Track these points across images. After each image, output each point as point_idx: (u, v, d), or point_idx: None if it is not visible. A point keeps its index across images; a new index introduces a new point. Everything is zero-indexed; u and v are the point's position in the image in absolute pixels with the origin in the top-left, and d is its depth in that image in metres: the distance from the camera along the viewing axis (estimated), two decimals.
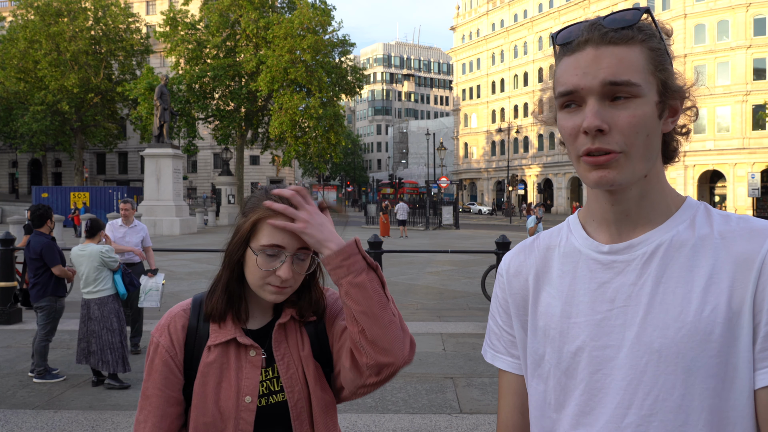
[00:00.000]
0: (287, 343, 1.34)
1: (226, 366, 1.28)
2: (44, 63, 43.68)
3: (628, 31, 0.90)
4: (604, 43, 0.89)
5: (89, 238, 5.87)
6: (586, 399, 0.94)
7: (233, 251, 1.29)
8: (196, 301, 1.37)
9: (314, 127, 36.11)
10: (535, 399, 1.05)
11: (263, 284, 1.26)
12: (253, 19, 36.90)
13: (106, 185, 52.77)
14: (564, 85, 0.91)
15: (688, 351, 0.86)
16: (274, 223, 1.24)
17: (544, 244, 1.08)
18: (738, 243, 0.89)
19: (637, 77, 0.88)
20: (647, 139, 0.90)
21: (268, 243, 1.24)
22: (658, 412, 0.88)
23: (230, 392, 1.27)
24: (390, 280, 12.22)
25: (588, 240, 1.00)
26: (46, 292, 5.91)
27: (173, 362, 1.30)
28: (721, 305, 0.86)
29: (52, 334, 5.94)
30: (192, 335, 1.32)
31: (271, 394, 1.30)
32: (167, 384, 1.29)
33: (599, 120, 0.87)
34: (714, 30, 45.88)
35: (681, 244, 0.92)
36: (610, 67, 0.88)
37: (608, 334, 0.93)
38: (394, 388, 5.45)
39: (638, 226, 0.95)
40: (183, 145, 37.84)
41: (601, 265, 0.96)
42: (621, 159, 0.89)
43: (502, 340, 1.12)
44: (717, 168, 46.52)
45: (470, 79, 73.25)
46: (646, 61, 0.90)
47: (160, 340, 1.31)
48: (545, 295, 1.03)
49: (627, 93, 0.88)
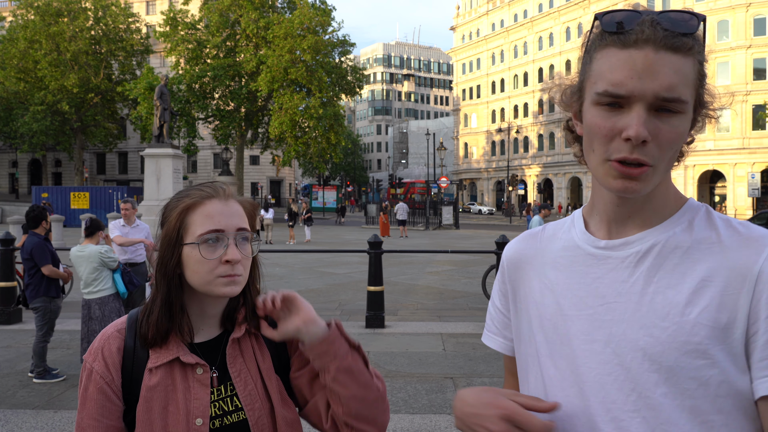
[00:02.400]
0: (243, 357, 1.25)
1: (171, 388, 1.18)
2: (44, 63, 43.66)
3: (688, 40, 0.86)
4: (664, 47, 0.84)
5: (88, 238, 5.85)
6: (575, 392, 0.94)
7: (166, 258, 1.19)
8: (131, 318, 1.25)
9: (314, 127, 36.13)
10: (526, 387, 1.06)
11: (212, 278, 1.16)
12: (253, 19, 36.91)
13: (106, 185, 52.74)
14: (612, 83, 0.86)
15: (672, 351, 0.86)
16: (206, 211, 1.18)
17: (548, 235, 1.09)
18: (735, 250, 0.88)
19: (687, 94, 0.86)
20: (675, 153, 0.90)
21: (205, 230, 1.16)
22: (640, 409, 0.88)
23: (178, 416, 1.16)
24: (390, 280, 12.23)
25: (586, 235, 1.00)
26: (39, 292, 5.89)
27: (109, 389, 1.18)
28: (710, 309, 0.86)
29: (49, 334, 5.93)
30: (129, 357, 1.20)
31: (226, 415, 1.20)
32: (104, 413, 1.17)
33: (647, 131, 0.84)
34: (714, 30, 45.87)
35: (676, 245, 0.92)
36: (666, 79, 0.84)
37: (597, 329, 0.93)
38: (394, 388, 5.45)
39: (637, 225, 0.95)
40: (183, 145, 37.84)
41: (596, 260, 0.97)
42: (651, 171, 0.87)
43: (496, 322, 1.16)
44: (717, 168, 46.52)
45: (470, 79, 73.25)
46: (695, 76, 0.87)
47: (93, 366, 1.19)
48: (540, 286, 1.04)
49: (674, 108, 0.86)
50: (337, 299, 10.52)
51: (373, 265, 8.09)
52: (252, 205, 1.28)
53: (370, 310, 8.06)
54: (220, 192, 1.22)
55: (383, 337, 7.48)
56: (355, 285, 12.00)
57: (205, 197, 1.20)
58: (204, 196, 1.21)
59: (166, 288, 1.20)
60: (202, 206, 1.19)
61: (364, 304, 8.35)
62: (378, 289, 8.05)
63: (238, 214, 1.22)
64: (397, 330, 7.84)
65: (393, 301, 9.89)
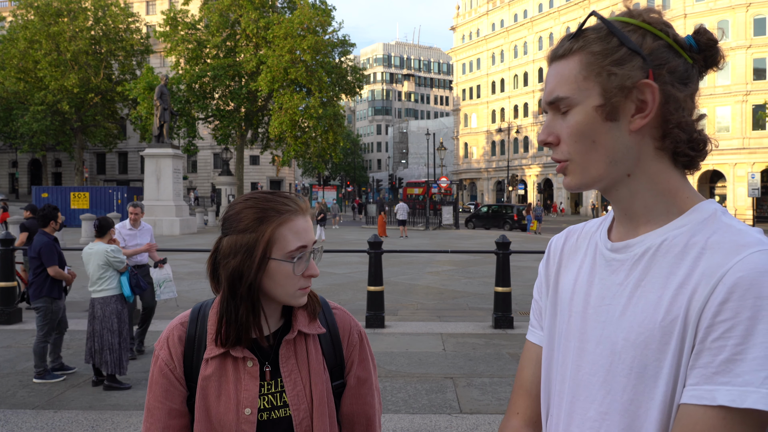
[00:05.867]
0: (296, 358, 1.30)
1: (224, 378, 1.26)
2: (44, 63, 43.66)
3: (568, 44, 0.94)
4: (553, 59, 0.97)
5: (98, 237, 5.86)
6: (573, 388, 0.97)
7: (248, 269, 1.22)
8: (194, 311, 1.34)
9: (314, 127, 36.13)
10: (544, 377, 1.08)
11: (294, 291, 1.24)
12: (253, 19, 36.90)
13: (106, 185, 52.71)
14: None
15: (642, 357, 0.86)
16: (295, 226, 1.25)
17: (586, 231, 1.10)
18: (716, 255, 0.84)
19: (565, 90, 0.93)
20: (593, 144, 0.92)
21: (296, 247, 1.23)
22: (611, 412, 0.90)
23: (229, 405, 1.24)
24: (390, 280, 12.24)
25: (604, 236, 1.02)
26: (42, 292, 5.88)
27: (172, 375, 1.28)
28: (680, 316, 0.83)
29: (50, 335, 5.93)
30: (190, 347, 1.30)
31: (274, 409, 1.27)
32: (168, 396, 1.28)
33: (545, 134, 0.97)
34: (714, 30, 45.79)
35: (668, 249, 0.89)
36: (548, 87, 0.96)
37: (592, 329, 0.95)
38: (394, 388, 5.45)
39: (639, 226, 0.95)
40: (183, 145, 37.83)
41: (606, 261, 0.98)
42: (570, 166, 0.95)
43: (535, 314, 1.17)
44: (717, 168, 46.50)
45: (470, 79, 73.24)
46: (581, 68, 0.92)
47: (159, 353, 1.30)
48: (566, 280, 1.06)
49: (564, 106, 0.93)
50: (337, 299, 10.52)
51: (373, 265, 8.09)
52: (313, 215, 1.35)
53: (370, 310, 8.06)
54: (303, 208, 1.28)
55: (383, 337, 7.48)
56: (355, 285, 12.01)
57: (293, 213, 1.25)
58: (293, 212, 1.25)
59: (250, 297, 1.23)
60: (292, 222, 1.24)
61: (364, 304, 8.35)
62: (378, 289, 8.05)
63: (312, 227, 1.30)
64: (397, 330, 7.84)
65: (393, 301, 9.89)
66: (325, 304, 1.41)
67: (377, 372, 1.43)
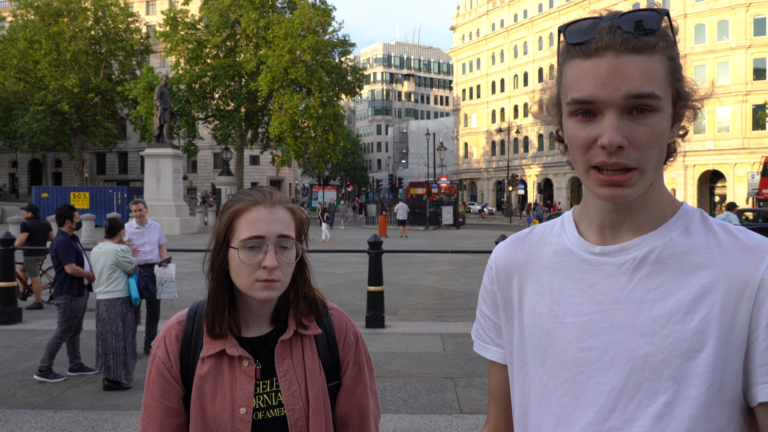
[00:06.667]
0: (291, 358, 1.31)
1: (220, 377, 1.27)
2: (44, 63, 43.65)
3: (650, 38, 0.84)
4: (626, 51, 0.83)
5: (108, 237, 5.85)
6: (568, 400, 0.94)
7: (214, 257, 1.28)
8: (191, 310, 1.36)
9: (314, 127, 36.14)
10: (518, 396, 1.04)
11: (251, 282, 1.23)
12: (253, 19, 36.92)
13: (106, 185, 52.70)
14: (580, 92, 0.86)
15: (674, 359, 0.85)
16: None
17: (536, 239, 1.06)
18: (736, 257, 0.88)
19: (660, 89, 0.84)
20: (660, 151, 0.88)
21: (247, 236, 1.23)
22: (639, 419, 0.87)
23: (225, 403, 1.25)
24: (390, 280, 12.23)
25: (579, 240, 0.98)
26: (63, 290, 5.92)
27: (169, 373, 1.29)
28: (712, 317, 0.85)
29: (68, 332, 5.91)
30: (187, 346, 1.31)
31: (269, 409, 1.28)
32: (164, 395, 1.29)
33: (621, 136, 0.84)
34: (714, 30, 45.85)
35: (674, 251, 0.90)
36: (633, 80, 0.83)
37: (593, 337, 0.92)
38: (394, 388, 5.45)
39: (632, 230, 0.94)
40: (183, 145, 37.84)
41: (591, 266, 0.95)
42: (636, 175, 0.86)
43: (487, 330, 1.12)
44: (717, 168, 46.48)
45: (470, 79, 73.22)
46: (666, 71, 0.86)
47: (156, 352, 1.32)
48: (533, 293, 1.02)
49: (649, 106, 0.84)
50: (337, 299, 10.52)
51: (373, 265, 8.09)
52: (301, 212, 1.34)
53: (370, 310, 8.06)
54: (267, 198, 1.28)
55: (383, 337, 7.48)
56: (355, 285, 12.00)
57: (252, 203, 1.26)
58: (251, 202, 1.26)
59: (213, 285, 1.30)
60: (248, 212, 1.25)
61: (364, 304, 8.35)
62: (378, 289, 8.05)
63: (283, 221, 1.27)
64: (397, 330, 7.84)
65: (393, 301, 9.89)
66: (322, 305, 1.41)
67: (375, 373, 1.43)
